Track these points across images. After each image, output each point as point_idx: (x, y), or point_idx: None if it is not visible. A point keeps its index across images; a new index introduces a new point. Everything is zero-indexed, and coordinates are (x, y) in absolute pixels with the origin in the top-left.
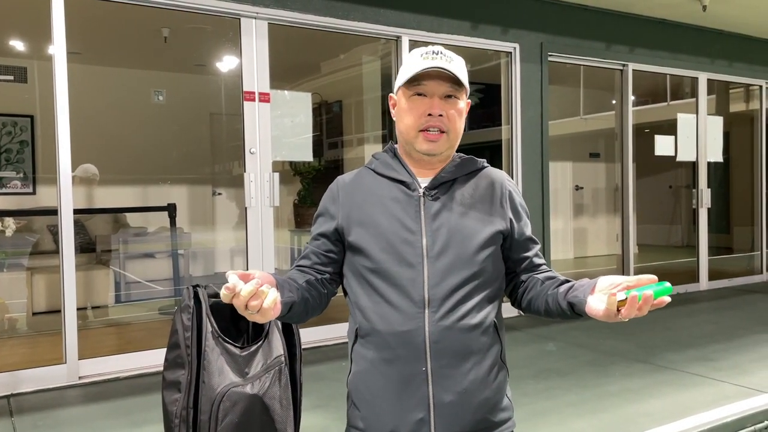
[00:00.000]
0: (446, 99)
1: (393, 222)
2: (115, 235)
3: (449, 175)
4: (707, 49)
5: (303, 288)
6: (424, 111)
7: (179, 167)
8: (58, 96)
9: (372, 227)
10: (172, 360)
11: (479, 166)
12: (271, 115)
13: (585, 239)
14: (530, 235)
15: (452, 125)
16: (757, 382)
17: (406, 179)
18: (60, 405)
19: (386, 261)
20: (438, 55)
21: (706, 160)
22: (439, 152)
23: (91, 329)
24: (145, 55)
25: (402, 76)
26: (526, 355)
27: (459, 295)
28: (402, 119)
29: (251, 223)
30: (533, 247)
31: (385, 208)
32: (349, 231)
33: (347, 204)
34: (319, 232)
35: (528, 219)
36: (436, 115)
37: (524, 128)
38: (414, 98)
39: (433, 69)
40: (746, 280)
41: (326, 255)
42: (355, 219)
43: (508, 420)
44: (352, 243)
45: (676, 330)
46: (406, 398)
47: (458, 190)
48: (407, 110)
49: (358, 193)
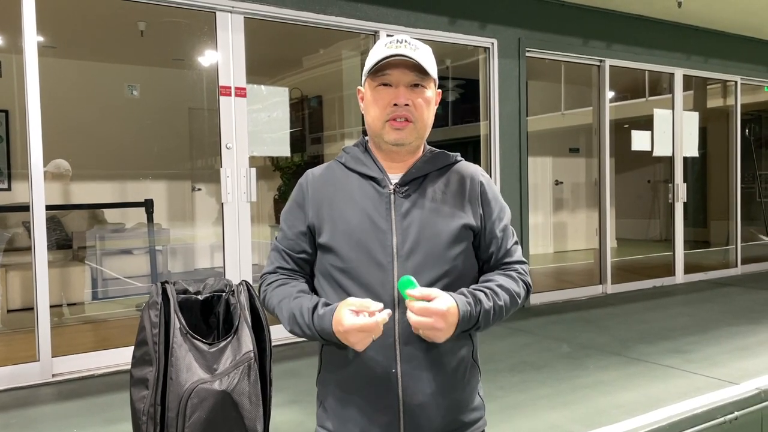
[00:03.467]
0: (412, 88)
1: (363, 220)
2: (91, 232)
3: (420, 171)
4: (683, 45)
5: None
6: (390, 101)
7: (157, 162)
8: (30, 90)
9: (342, 225)
10: (139, 357)
11: (452, 161)
12: (247, 110)
13: (564, 234)
14: (502, 231)
15: (419, 114)
16: (728, 374)
17: (377, 175)
18: (33, 403)
19: (355, 260)
20: (402, 43)
21: (681, 155)
22: (408, 142)
23: (67, 326)
24: (122, 49)
25: (367, 66)
26: (502, 349)
27: None
28: (369, 111)
29: (228, 219)
30: (504, 245)
31: (356, 204)
32: (320, 230)
33: (317, 199)
34: (291, 230)
35: (503, 215)
36: (402, 104)
37: (502, 124)
38: (379, 89)
39: (397, 57)
40: (721, 273)
41: (301, 258)
42: (326, 216)
43: (479, 419)
44: (322, 243)
45: (651, 323)
46: (375, 400)
47: (430, 186)
48: (373, 101)
49: (327, 188)
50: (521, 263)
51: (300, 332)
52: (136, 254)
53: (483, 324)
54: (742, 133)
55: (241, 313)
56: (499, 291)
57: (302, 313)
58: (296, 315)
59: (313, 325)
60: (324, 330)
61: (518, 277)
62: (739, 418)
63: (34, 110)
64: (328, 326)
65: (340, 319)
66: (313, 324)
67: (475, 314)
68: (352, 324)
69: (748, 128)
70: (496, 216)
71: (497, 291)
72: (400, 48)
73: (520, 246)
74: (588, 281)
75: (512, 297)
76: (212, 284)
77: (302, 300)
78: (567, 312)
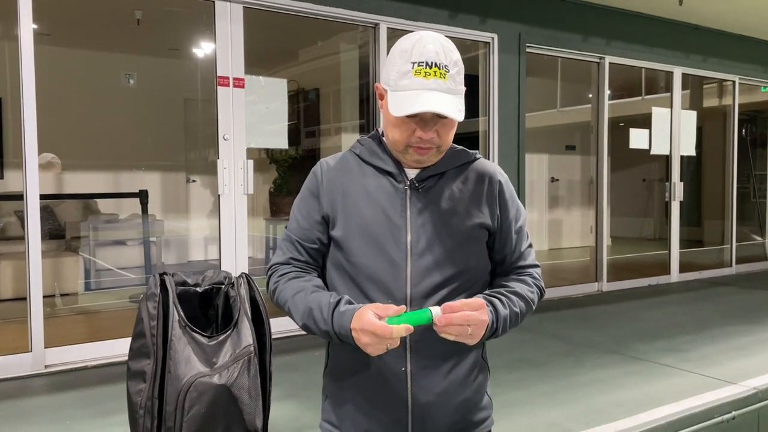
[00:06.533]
0: (441, 119)
1: (378, 215)
2: (85, 222)
3: (439, 168)
4: (683, 43)
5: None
6: (414, 131)
7: (152, 153)
8: (25, 78)
9: (356, 219)
10: (137, 349)
11: (471, 158)
12: (245, 101)
13: (560, 231)
14: (517, 233)
15: (445, 140)
16: (725, 373)
17: (393, 170)
18: (25, 394)
19: (369, 256)
20: (431, 69)
21: (679, 154)
22: (430, 162)
23: (60, 317)
24: (118, 38)
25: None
26: (499, 346)
27: (442, 294)
28: (388, 128)
29: (224, 211)
30: (518, 247)
31: (371, 199)
32: (334, 223)
33: (331, 190)
34: (306, 219)
35: (519, 216)
36: (428, 138)
37: (501, 120)
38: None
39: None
40: (716, 272)
41: (314, 249)
42: (339, 208)
43: (487, 419)
44: (335, 236)
45: (647, 321)
46: (383, 398)
47: (447, 183)
48: (394, 124)
49: (342, 179)
50: (535, 267)
51: (315, 327)
52: (130, 245)
53: (501, 333)
54: (739, 133)
55: (241, 306)
56: (515, 299)
57: (321, 307)
58: (314, 309)
59: (332, 321)
60: (342, 327)
61: (533, 282)
62: (736, 418)
63: (28, 98)
64: (347, 323)
65: (360, 317)
66: (332, 320)
67: (497, 325)
68: (371, 322)
69: (745, 128)
70: (512, 217)
71: (513, 299)
72: (430, 79)
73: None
74: (584, 279)
75: (528, 304)
76: (211, 276)
77: (321, 295)
78: (563, 309)
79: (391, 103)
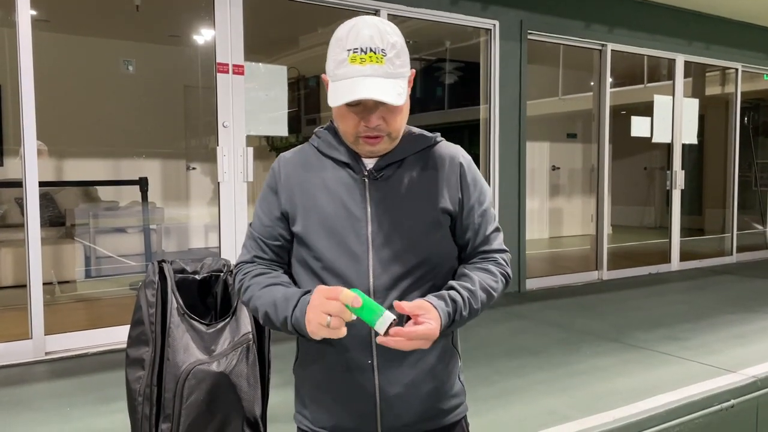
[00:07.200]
0: (384, 105)
1: (338, 208)
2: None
3: (397, 155)
4: (685, 30)
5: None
6: (359, 121)
7: (152, 140)
8: (23, 64)
9: (316, 213)
10: (135, 337)
11: (431, 142)
12: (245, 88)
13: (560, 219)
14: (480, 216)
15: (394, 126)
16: (724, 362)
17: (350, 162)
18: (26, 381)
19: (330, 250)
20: (367, 54)
21: (681, 142)
22: (384, 150)
23: (60, 304)
24: (117, 24)
25: (330, 66)
26: (498, 333)
27: (405, 284)
28: (337, 119)
29: (224, 198)
30: (482, 231)
31: (330, 192)
32: (294, 218)
33: (289, 186)
34: (267, 216)
35: (483, 199)
36: (374, 126)
37: (502, 108)
38: (346, 106)
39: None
40: (717, 261)
41: (278, 246)
42: (299, 203)
43: (459, 405)
44: (296, 232)
45: (646, 309)
46: (351, 391)
47: (407, 170)
48: (340, 116)
49: (301, 173)
50: (501, 252)
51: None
52: (130, 233)
53: (457, 327)
54: (741, 122)
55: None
56: (478, 291)
57: (287, 297)
58: (278, 300)
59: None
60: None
61: (497, 270)
62: (735, 406)
63: (27, 85)
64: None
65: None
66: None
67: (452, 320)
68: (325, 287)
69: (747, 116)
70: (475, 200)
71: (474, 291)
72: (366, 65)
73: (518, 232)
74: (584, 267)
75: (489, 295)
76: (210, 264)
77: (289, 289)
78: (563, 297)
79: (330, 94)
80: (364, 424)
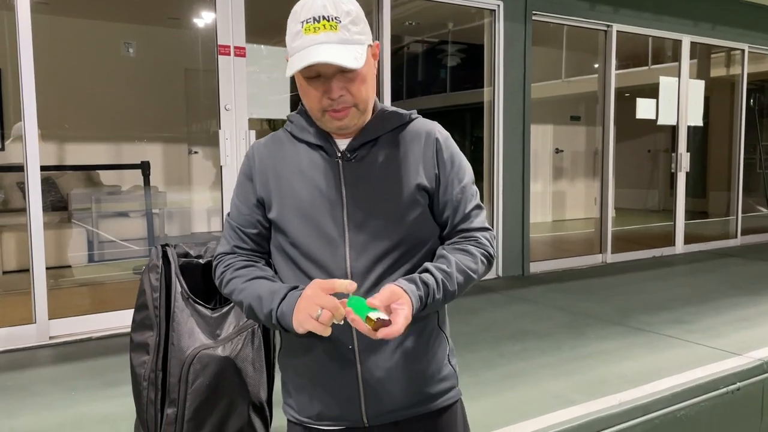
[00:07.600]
0: (344, 73)
1: (313, 192)
2: (87, 194)
3: (371, 134)
4: (691, 11)
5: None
6: (322, 94)
7: (154, 124)
8: (23, 48)
9: (291, 199)
10: (139, 321)
11: (406, 120)
12: (247, 71)
13: (564, 202)
14: (460, 194)
15: (359, 96)
16: (730, 344)
17: (323, 144)
18: (30, 365)
19: (307, 236)
20: (320, 23)
21: (686, 124)
22: (352, 125)
23: (63, 289)
24: (117, 7)
25: (287, 44)
26: (503, 317)
27: (384, 266)
28: (302, 98)
29: (227, 181)
30: (461, 209)
31: (304, 176)
32: (270, 205)
33: (264, 172)
34: (244, 204)
35: (463, 175)
36: (337, 97)
37: (507, 90)
38: (307, 80)
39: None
40: (721, 244)
41: (257, 234)
42: (274, 189)
43: (450, 389)
44: (272, 219)
45: (651, 293)
46: (334, 377)
47: (381, 149)
48: (304, 92)
49: (275, 159)
50: (482, 230)
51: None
52: (133, 217)
53: (432, 311)
54: (747, 103)
55: None
56: (454, 273)
57: (273, 291)
58: (263, 293)
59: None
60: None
61: (476, 251)
62: (741, 389)
63: (27, 69)
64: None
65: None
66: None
67: (425, 303)
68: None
69: (753, 98)
70: (453, 176)
71: (450, 273)
72: (320, 33)
73: (521, 215)
74: (588, 250)
75: (467, 276)
76: (214, 248)
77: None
78: (567, 281)
79: (288, 67)
80: (349, 410)
